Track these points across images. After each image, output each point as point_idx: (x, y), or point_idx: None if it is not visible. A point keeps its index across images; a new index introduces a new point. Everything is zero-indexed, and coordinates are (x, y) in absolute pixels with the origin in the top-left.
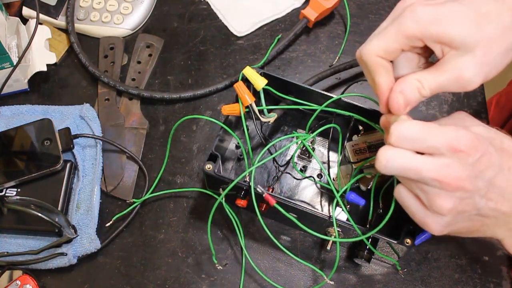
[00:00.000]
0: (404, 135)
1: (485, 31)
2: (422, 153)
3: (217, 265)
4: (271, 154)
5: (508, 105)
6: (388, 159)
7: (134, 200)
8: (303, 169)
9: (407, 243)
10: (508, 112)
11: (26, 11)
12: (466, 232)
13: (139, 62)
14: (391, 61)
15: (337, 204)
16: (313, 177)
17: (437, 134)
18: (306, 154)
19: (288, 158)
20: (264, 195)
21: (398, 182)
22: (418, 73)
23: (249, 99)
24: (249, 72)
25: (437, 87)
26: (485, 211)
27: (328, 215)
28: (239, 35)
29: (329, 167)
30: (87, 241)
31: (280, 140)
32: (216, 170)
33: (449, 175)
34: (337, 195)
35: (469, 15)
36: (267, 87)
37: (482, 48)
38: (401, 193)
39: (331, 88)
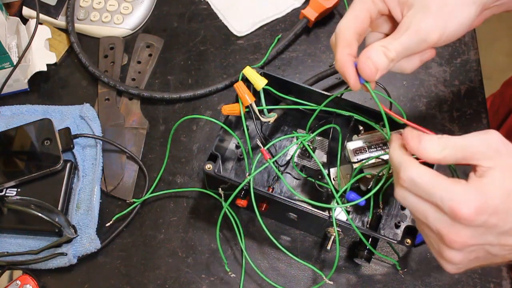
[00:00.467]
0: (413, 181)
1: None
2: None
3: (230, 272)
4: (271, 154)
5: (502, 108)
6: (401, 198)
7: (134, 200)
8: (303, 169)
9: (407, 243)
10: (502, 115)
11: (26, 11)
12: (490, 264)
13: (139, 62)
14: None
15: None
16: (313, 178)
17: (443, 192)
18: (306, 154)
19: (288, 158)
20: (260, 149)
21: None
22: (382, 40)
23: (249, 99)
24: (249, 72)
25: (401, 47)
26: (502, 253)
27: (328, 215)
28: (239, 35)
29: (329, 167)
30: (87, 241)
31: (280, 140)
32: (216, 170)
33: (451, 233)
34: (337, 195)
35: None
36: (267, 87)
37: (437, 2)
38: (419, 227)
39: (331, 88)
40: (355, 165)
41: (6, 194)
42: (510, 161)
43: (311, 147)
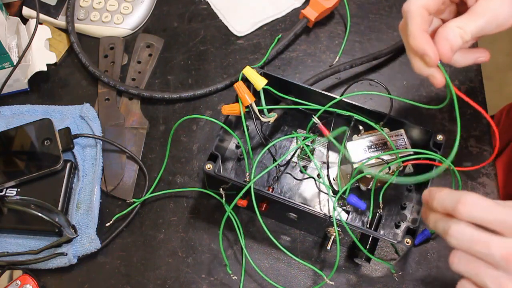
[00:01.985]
0: (475, 205)
1: None
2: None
3: (232, 275)
4: (271, 154)
5: None
6: (458, 232)
7: (134, 200)
8: (303, 169)
9: (407, 243)
10: None
11: (26, 11)
12: None
13: (139, 62)
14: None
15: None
16: (313, 177)
17: (504, 211)
18: (306, 154)
19: (288, 158)
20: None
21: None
22: (457, 20)
23: (249, 99)
24: (249, 72)
25: (477, 30)
26: None
27: (328, 215)
28: (239, 35)
29: (328, 167)
30: (87, 241)
31: (280, 140)
32: (216, 170)
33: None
34: (337, 196)
35: None
36: (267, 87)
37: None
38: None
39: (331, 88)
40: (355, 165)
41: (6, 194)
42: None
43: (311, 147)
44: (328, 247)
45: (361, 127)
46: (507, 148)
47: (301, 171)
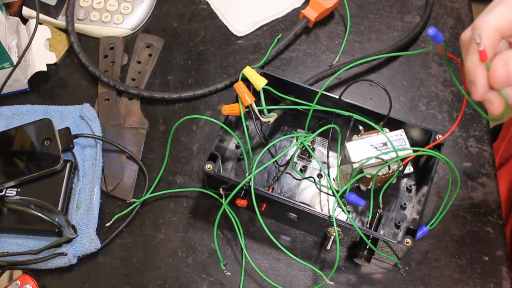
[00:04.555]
0: None
1: None
2: None
3: (225, 271)
4: (271, 154)
5: None
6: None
7: (134, 200)
8: (303, 169)
9: (407, 243)
10: None
11: (26, 11)
12: None
13: (139, 62)
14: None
15: (337, 204)
16: (313, 178)
17: None
18: (306, 154)
19: (288, 158)
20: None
21: (398, 180)
22: None
23: (249, 99)
24: (249, 72)
25: None
26: None
27: (328, 215)
28: (239, 35)
29: (328, 167)
30: (87, 241)
31: (280, 140)
32: (216, 170)
33: None
34: (337, 195)
35: None
36: (267, 87)
37: None
38: None
39: (331, 88)
40: (355, 165)
41: (6, 194)
42: None
43: (311, 147)
44: (328, 247)
45: (361, 127)
46: None
47: (300, 171)
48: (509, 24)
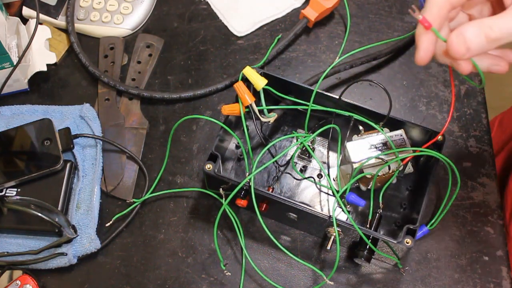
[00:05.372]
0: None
1: None
2: None
3: (225, 271)
4: (271, 154)
5: (510, 126)
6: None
7: (134, 200)
8: (303, 169)
9: (407, 243)
10: (510, 134)
11: (26, 11)
12: None
13: (139, 62)
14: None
15: (337, 204)
16: (313, 178)
17: None
18: (306, 154)
19: (288, 158)
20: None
21: (398, 180)
22: (483, 18)
23: (249, 99)
24: (249, 72)
25: (508, 28)
26: None
27: (328, 215)
28: (239, 35)
29: (329, 167)
30: (87, 241)
31: (280, 140)
32: (216, 170)
33: None
34: (337, 195)
35: None
36: (267, 87)
37: None
38: None
39: (331, 88)
40: (355, 165)
41: (6, 194)
42: None
43: (311, 147)
44: (328, 247)
45: (361, 127)
46: (497, 156)
47: (300, 171)
48: None
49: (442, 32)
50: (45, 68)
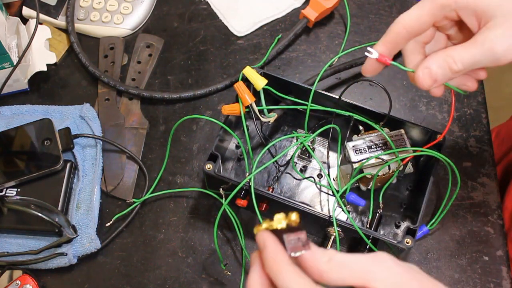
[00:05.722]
0: None
1: None
2: None
3: (225, 271)
4: (271, 154)
5: (507, 139)
6: None
7: (134, 200)
8: (303, 169)
9: (407, 243)
10: (506, 146)
11: (26, 11)
12: None
13: (139, 62)
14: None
15: (337, 204)
16: (313, 178)
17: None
18: (306, 154)
19: (288, 158)
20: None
21: (398, 180)
22: (449, 48)
23: (249, 99)
24: (249, 72)
25: (471, 60)
26: None
27: (328, 215)
28: (239, 35)
29: (329, 167)
30: (87, 241)
31: (280, 140)
32: (216, 170)
33: None
34: (337, 195)
35: None
36: (267, 87)
37: None
38: None
39: (331, 88)
40: (355, 165)
41: (6, 194)
42: None
43: (311, 147)
44: (328, 247)
45: (361, 127)
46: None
47: (300, 171)
48: (413, 21)
49: (415, 56)
50: (45, 68)
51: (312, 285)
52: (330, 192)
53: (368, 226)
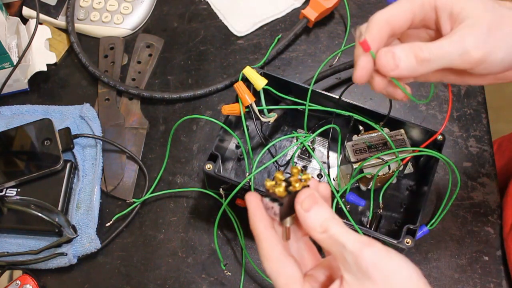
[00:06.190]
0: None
1: (498, 10)
2: None
3: (225, 271)
4: (271, 154)
5: (508, 151)
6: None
7: (134, 200)
8: (303, 169)
9: (407, 243)
10: (507, 158)
11: (26, 11)
12: None
13: (139, 62)
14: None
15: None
16: (313, 178)
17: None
18: (306, 154)
19: (288, 158)
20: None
21: (398, 180)
22: (419, 42)
23: (249, 99)
24: (249, 72)
25: (438, 51)
26: None
27: None
28: (239, 35)
29: (329, 167)
30: (87, 241)
31: (280, 140)
32: (216, 170)
33: None
34: (337, 195)
35: None
36: (267, 87)
37: (492, 22)
38: None
39: (331, 88)
40: (355, 165)
41: (6, 194)
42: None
43: (311, 147)
44: None
45: (361, 127)
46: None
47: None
48: (396, 17)
49: (382, 36)
50: (45, 68)
51: (281, 256)
52: (335, 192)
53: (368, 226)
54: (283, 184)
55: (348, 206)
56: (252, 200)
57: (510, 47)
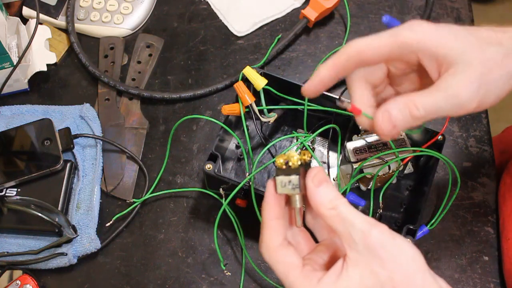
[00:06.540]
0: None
1: (485, 52)
2: None
3: (225, 271)
4: (271, 154)
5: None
6: None
7: (134, 200)
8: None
9: None
10: (505, 157)
11: (26, 11)
12: None
13: (139, 62)
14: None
15: None
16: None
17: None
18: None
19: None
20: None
21: (398, 180)
22: (411, 93)
23: (249, 99)
24: (249, 72)
25: (433, 106)
26: None
27: None
28: (239, 35)
29: (329, 167)
30: (87, 241)
31: (280, 140)
32: (216, 170)
33: None
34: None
35: (469, 36)
36: (267, 87)
37: (482, 68)
38: None
39: (331, 88)
40: (355, 165)
41: (6, 194)
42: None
43: (311, 147)
44: None
45: (361, 127)
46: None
47: None
48: (370, 50)
49: (364, 93)
50: (45, 68)
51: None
52: None
53: None
54: (295, 156)
55: None
56: (270, 187)
57: (500, 90)
